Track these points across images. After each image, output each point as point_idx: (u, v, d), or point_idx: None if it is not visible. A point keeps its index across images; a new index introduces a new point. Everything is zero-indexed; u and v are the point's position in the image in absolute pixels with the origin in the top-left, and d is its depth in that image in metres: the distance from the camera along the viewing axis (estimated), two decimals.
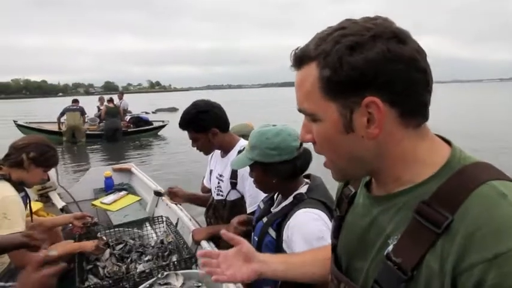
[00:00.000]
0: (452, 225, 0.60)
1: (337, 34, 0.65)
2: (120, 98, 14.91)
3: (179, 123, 2.14)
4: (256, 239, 1.63)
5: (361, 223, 0.78)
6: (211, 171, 2.41)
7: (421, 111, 0.68)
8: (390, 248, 0.67)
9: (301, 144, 1.56)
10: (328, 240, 1.39)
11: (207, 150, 2.26)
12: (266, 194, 1.78)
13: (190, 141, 2.18)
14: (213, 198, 2.34)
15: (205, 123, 2.10)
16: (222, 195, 2.23)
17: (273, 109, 30.54)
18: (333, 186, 1.11)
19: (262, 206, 1.75)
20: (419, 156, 0.69)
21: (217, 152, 2.34)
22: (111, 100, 13.57)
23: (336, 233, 0.89)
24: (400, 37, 0.65)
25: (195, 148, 2.22)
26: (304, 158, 1.57)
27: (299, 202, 1.51)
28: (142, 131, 14.36)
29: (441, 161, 0.68)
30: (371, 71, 0.63)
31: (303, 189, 1.57)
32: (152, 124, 14.96)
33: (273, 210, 1.65)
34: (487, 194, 0.60)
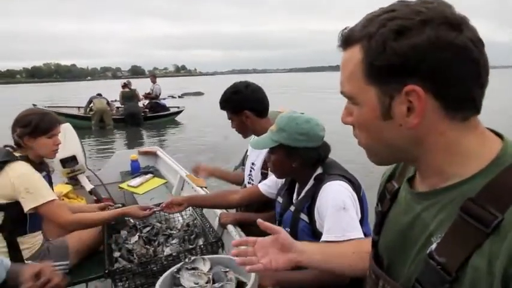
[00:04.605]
0: (502, 224, 0.55)
1: (385, 17, 0.62)
2: (153, 82, 14.24)
3: (219, 102, 2.14)
4: (288, 230, 1.62)
5: (403, 220, 0.75)
6: (247, 156, 2.38)
7: (468, 105, 0.63)
8: (433, 246, 0.64)
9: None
10: (352, 210, 1.44)
11: (243, 133, 2.21)
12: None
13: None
14: (245, 185, 2.32)
15: (238, 105, 2.07)
16: (252, 184, 2.20)
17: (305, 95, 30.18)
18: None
19: (281, 200, 1.78)
20: (465, 149, 0.64)
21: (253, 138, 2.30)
22: (125, 85, 13.13)
23: (377, 228, 0.86)
24: (454, 23, 0.60)
25: (234, 129, 2.20)
26: (325, 150, 1.60)
27: (321, 181, 1.53)
28: (159, 117, 14.24)
29: (491, 155, 0.63)
30: (415, 58, 0.59)
31: (318, 171, 1.60)
32: (169, 110, 14.75)
33: (295, 200, 1.67)
34: None
